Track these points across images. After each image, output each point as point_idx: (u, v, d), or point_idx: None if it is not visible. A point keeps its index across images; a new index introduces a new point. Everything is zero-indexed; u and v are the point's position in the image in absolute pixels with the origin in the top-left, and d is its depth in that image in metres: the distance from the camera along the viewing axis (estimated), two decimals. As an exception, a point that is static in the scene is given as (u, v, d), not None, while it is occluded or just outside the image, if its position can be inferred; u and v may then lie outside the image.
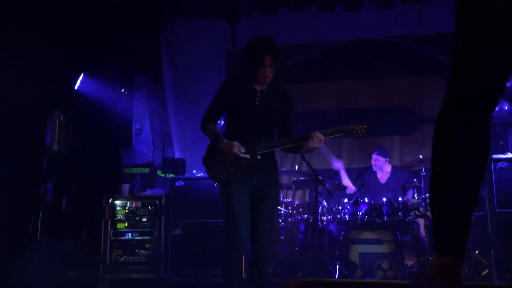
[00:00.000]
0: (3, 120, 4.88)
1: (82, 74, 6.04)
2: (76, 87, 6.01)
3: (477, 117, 1.52)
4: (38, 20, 5.04)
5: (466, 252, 4.68)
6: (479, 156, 1.53)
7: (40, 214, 5.27)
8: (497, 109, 5.51)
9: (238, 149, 3.15)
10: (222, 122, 5.26)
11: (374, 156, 5.72)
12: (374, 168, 5.77)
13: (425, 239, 5.15)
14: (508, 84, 5.53)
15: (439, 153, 1.55)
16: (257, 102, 3.27)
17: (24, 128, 5.19)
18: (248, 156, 3.17)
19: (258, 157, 3.21)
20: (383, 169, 5.75)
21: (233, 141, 3.16)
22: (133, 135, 6.35)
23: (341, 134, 3.33)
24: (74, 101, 5.96)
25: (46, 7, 5.09)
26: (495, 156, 4.89)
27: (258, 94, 3.29)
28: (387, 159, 5.75)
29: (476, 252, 4.90)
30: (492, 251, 4.71)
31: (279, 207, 5.37)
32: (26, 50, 5.03)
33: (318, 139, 3.14)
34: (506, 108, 5.71)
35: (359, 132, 3.28)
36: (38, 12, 5.04)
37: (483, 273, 4.76)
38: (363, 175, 5.87)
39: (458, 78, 1.53)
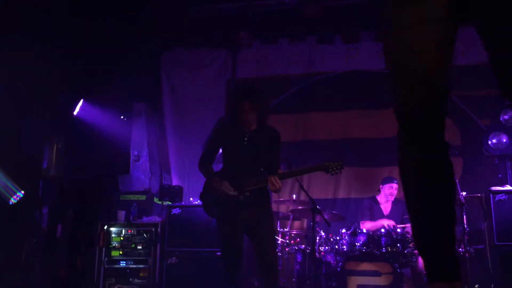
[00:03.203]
0: (0, 144, 4.86)
1: (81, 100, 6.06)
2: (75, 113, 6.01)
3: (427, 140, 1.51)
4: (37, 45, 5.08)
5: (466, 286, 4.60)
6: (440, 178, 1.54)
7: (35, 240, 5.20)
8: (495, 141, 5.55)
9: (227, 186, 3.46)
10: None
11: (394, 185, 5.65)
12: (389, 198, 5.69)
13: (424, 272, 5.07)
14: (506, 117, 5.56)
15: (404, 185, 1.59)
16: (245, 142, 3.58)
17: (21, 152, 5.16)
18: (236, 193, 3.47)
19: (247, 193, 3.49)
20: (390, 200, 5.70)
21: (222, 180, 3.49)
22: (130, 162, 6.33)
23: (316, 171, 3.69)
24: (73, 126, 5.96)
25: (47, 33, 5.15)
26: (494, 188, 4.86)
27: (246, 135, 3.61)
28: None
29: (476, 286, 4.82)
30: (492, 284, 4.64)
31: (276, 237, 5.31)
32: (25, 74, 5.05)
33: (272, 183, 3.44)
34: (505, 140, 5.70)
35: (334, 168, 3.58)
36: (38, 38, 5.09)
37: (483, 308, 4.69)
38: (371, 206, 5.81)
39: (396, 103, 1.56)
